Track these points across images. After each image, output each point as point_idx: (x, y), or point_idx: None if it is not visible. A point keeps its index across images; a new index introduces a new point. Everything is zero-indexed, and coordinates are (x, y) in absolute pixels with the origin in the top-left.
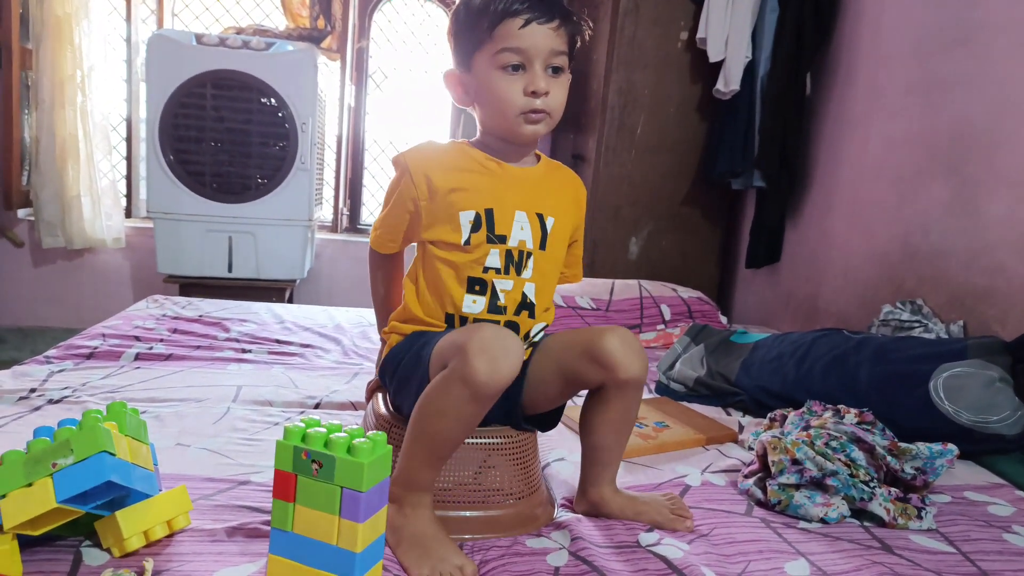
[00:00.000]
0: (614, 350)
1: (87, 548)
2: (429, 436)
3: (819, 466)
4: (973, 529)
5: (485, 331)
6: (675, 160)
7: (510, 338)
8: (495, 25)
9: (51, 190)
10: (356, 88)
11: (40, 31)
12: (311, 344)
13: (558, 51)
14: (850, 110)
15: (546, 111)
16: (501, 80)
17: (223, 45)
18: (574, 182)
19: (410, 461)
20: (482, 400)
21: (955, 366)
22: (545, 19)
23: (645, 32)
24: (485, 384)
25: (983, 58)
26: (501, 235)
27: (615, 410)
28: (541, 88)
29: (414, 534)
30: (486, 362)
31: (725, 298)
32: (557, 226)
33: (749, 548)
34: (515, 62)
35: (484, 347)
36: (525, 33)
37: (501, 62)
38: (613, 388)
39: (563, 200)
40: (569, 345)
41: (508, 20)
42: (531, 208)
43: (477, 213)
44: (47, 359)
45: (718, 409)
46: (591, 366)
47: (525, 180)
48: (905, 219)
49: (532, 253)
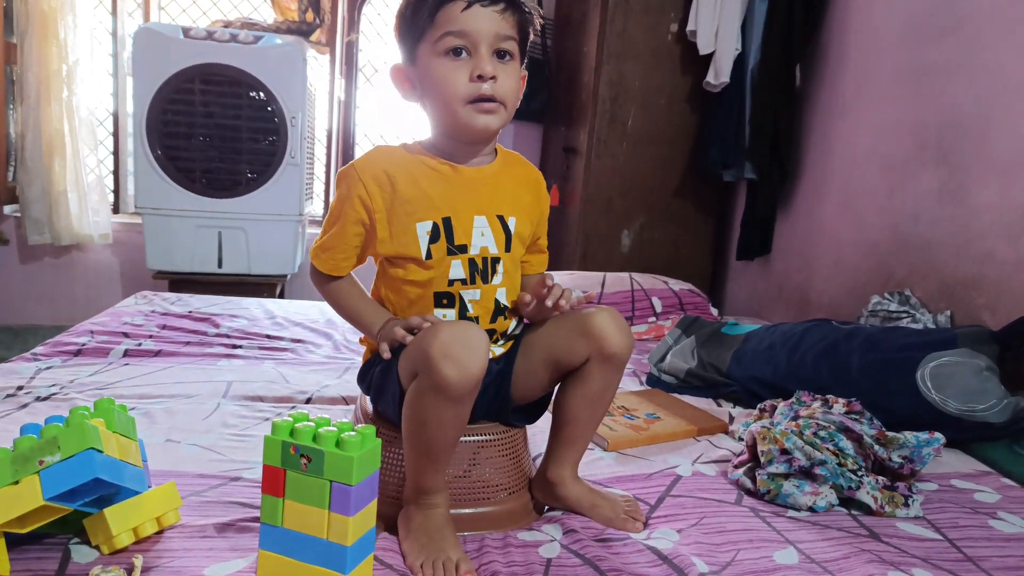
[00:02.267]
0: (603, 323)
1: (76, 545)
2: (423, 445)
3: (808, 455)
4: (960, 516)
5: (444, 332)
6: (666, 152)
7: (472, 333)
8: (436, 10)
9: (37, 186)
10: (346, 82)
11: (25, 25)
12: (302, 339)
13: (505, 35)
14: (840, 100)
15: (495, 98)
16: (445, 67)
17: (211, 39)
18: (533, 175)
19: (414, 469)
20: (459, 401)
21: (943, 355)
22: (488, 2)
23: (635, 24)
24: (456, 386)
25: (971, 46)
26: (461, 245)
27: (594, 385)
28: (487, 71)
29: (422, 526)
30: (452, 365)
31: (717, 290)
32: (519, 225)
33: (739, 537)
34: (457, 45)
35: (447, 351)
36: (467, 16)
37: (443, 47)
38: (597, 362)
39: (523, 196)
40: (558, 325)
41: (450, 4)
42: (490, 211)
43: (434, 223)
44: (34, 356)
45: (709, 400)
46: (580, 340)
47: (481, 181)
48: (895, 208)
49: (499, 258)
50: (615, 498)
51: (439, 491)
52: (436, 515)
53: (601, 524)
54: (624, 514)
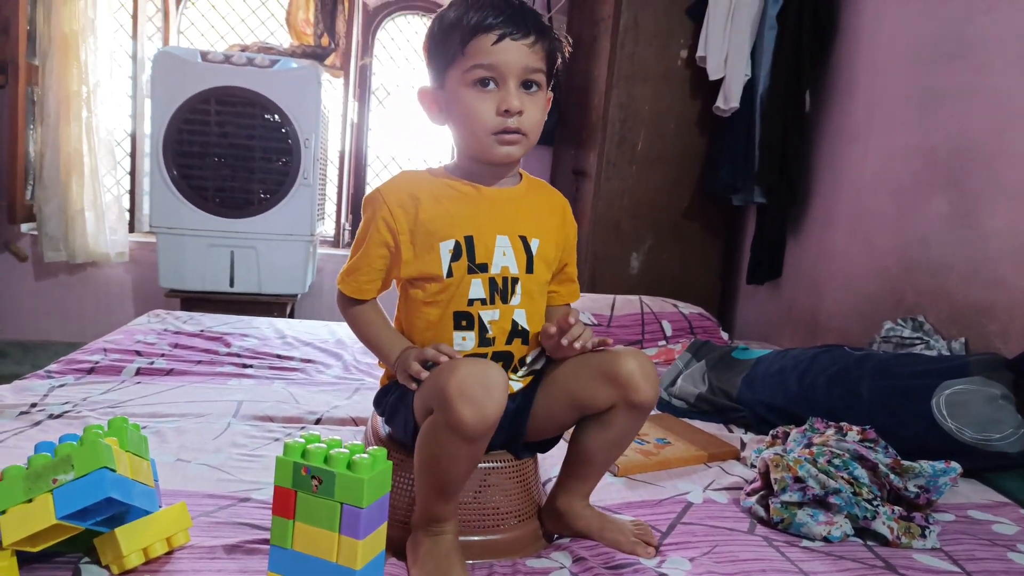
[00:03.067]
0: (632, 371)
1: (86, 565)
2: (434, 478)
3: (822, 484)
4: (977, 548)
5: (462, 371)
6: (676, 175)
7: (491, 373)
8: (467, 41)
9: (55, 204)
10: (359, 104)
11: (47, 47)
12: (312, 359)
13: (533, 68)
14: (849, 124)
15: (520, 131)
16: (472, 97)
17: (228, 62)
18: (558, 200)
19: (424, 499)
20: (475, 441)
21: (957, 383)
22: (520, 35)
23: (645, 47)
24: (473, 428)
25: (980, 71)
26: (483, 263)
27: (615, 431)
28: (514, 107)
29: (430, 552)
30: (469, 407)
31: (726, 313)
32: (542, 247)
33: (752, 567)
34: (486, 76)
35: (464, 391)
36: (498, 49)
37: (472, 78)
38: (623, 409)
39: (547, 220)
40: (581, 366)
41: (481, 36)
42: (513, 231)
43: (457, 241)
44: (48, 373)
45: (720, 426)
46: (605, 386)
47: (504, 202)
48: (905, 232)
49: (519, 279)
50: (625, 523)
51: (449, 519)
52: (445, 541)
53: (611, 548)
54: (635, 538)
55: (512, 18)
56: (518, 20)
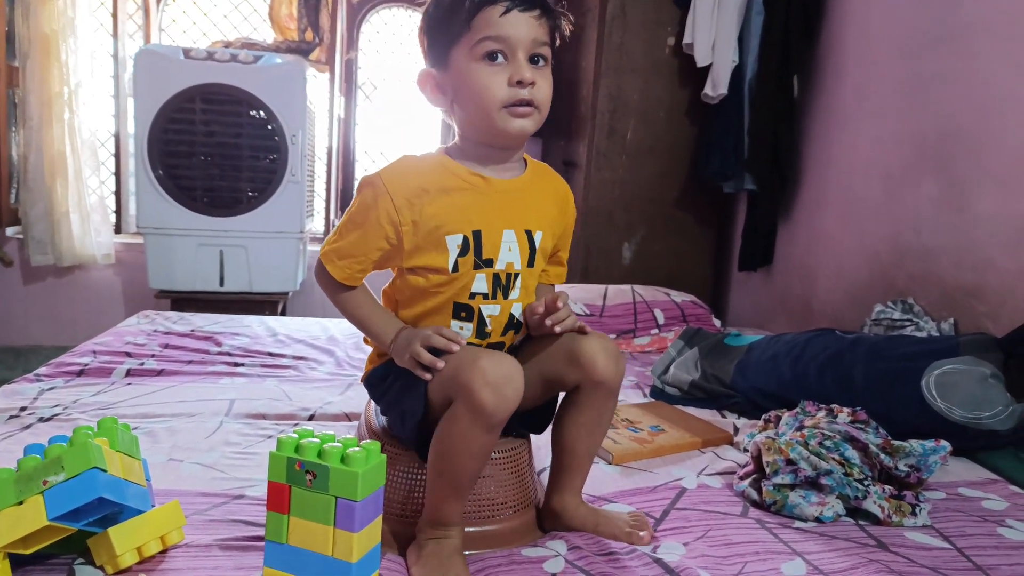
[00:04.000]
0: (592, 350)
1: (80, 566)
2: (451, 474)
3: (813, 466)
4: (968, 525)
5: (483, 361)
6: (666, 164)
7: (509, 364)
8: (474, 14)
9: (40, 207)
10: (346, 99)
11: (26, 48)
12: (304, 356)
13: (541, 41)
14: (838, 110)
15: (533, 103)
16: (482, 72)
17: (211, 59)
18: (562, 188)
19: (435, 499)
20: (493, 429)
21: (947, 363)
22: (526, 6)
23: (632, 37)
24: (494, 414)
25: (968, 56)
26: (488, 259)
27: (587, 413)
28: (527, 77)
29: (433, 553)
30: (492, 393)
31: (719, 301)
32: (544, 239)
33: (745, 549)
34: (495, 49)
35: (487, 379)
36: (506, 21)
37: (481, 52)
38: (587, 389)
39: (550, 209)
40: (549, 349)
41: (487, 8)
42: (520, 225)
43: (465, 236)
44: (37, 377)
45: (713, 412)
46: (569, 367)
47: (512, 194)
48: (895, 218)
49: (520, 273)
50: (620, 515)
51: (455, 524)
52: (449, 544)
53: (608, 539)
54: (629, 527)
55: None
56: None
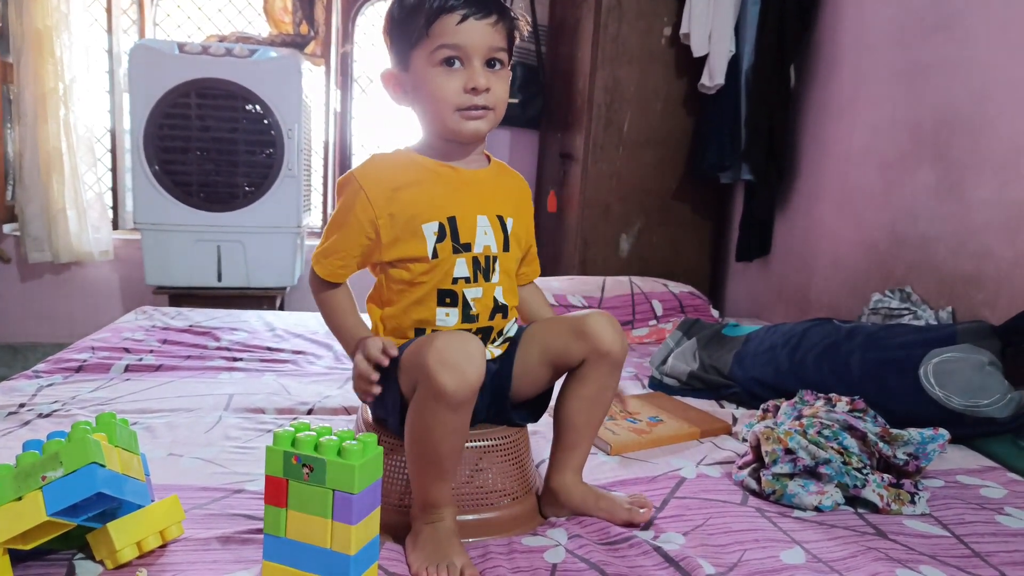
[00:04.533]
0: (597, 323)
1: (80, 561)
2: (427, 456)
3: (812, 455)
4: (966, 512)
5: (440, 341)
6: (663, 155)
7: (468, 340)
8: (431, 22)
9: (36, 204)
10: (341, 93)
11: (20, 44)
12: (303, 350)
13: (497, 47)
14: (835, 99)
15: (487, 106)
16: (439, 77)
17: (206, 53)
18: (522, 183)
19: (419, 482)
20: (459, 408)
21: (945, 351)
22: (482, 15)
23: (629, 28)
24: (455, 394)
25: (964, 43)
26: (466, 243)
27: (591, 386)
28: (481, 84)
29: (429, 537)
30: (449, 373)
31: (717, 292)
32: (516, 226)
33: (745, 538)
34: (451, 56)
35: (444, 359)
36: (462, 29)
37: (438, 58)
38: (593, 362)
39: (518, 201)
40: (554, 327)
41: (444, 16)
42: (491, 211)
43: (440, 223)
44: (36, 373)
45: (712, 402)
46: (575, 341)
47: (481, 183)
48: (893, 206)
49: (497, 257)
50: (620, 496)
51: (446, 505)
52: (444, 528)
53: (607, 519)
54: (629, 505)
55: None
56: (481, 1)
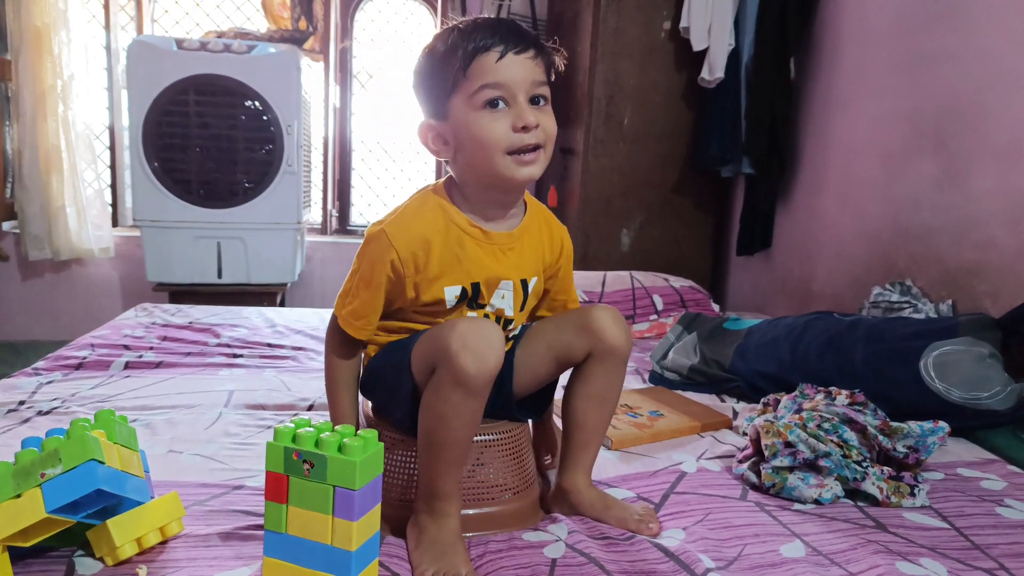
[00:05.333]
0: (601, 318)
1: (80, 558)
2: (439, 444)
3: (812, 448)
4: (966, 504)
5: (462, 325)
6: (664, 149)
7: (488, 326)
8: (469, 63)
9: (36, 202)
10: (341, 88)
11: (18, 42)
12: (303, 347)
13: (540, 81)
14: (836, 91)
15: (538, 144)
16: (484, 119)
17: (204, 49)
18: (557, 231)
19: (428, 472)
20: (477, 394)
21: (945, 344)
22: (520, 49)
23: (628, 22)
24: (475, 377)
25: (965, 32)
26: (481, 304)
27: (597, 382)
28: (531, 122)
29: (434, 538)
30: (471, 356)
31: (718, 286)
32: (538, 283)
33: (745, 532)
34: (495, 96)
35: (466, 342)
36: (502, 66)
37: (481, 100)
38: (598, 358)
39: (546, 255)
40: (559, 323)
41: (482, 56)
42: (516, 276)
43: (463, 288)
44: (35, 371)
45: (712, 396)
46: (579, 336)
47: (510, 246)
48: (895, 197)
49: (512, 319)
50: (630, 505)
51: (452, 497)
52: (449, 527)
53: (615, 526)
54: (639, 517)
55: (509, 34)
56: (516, 36)
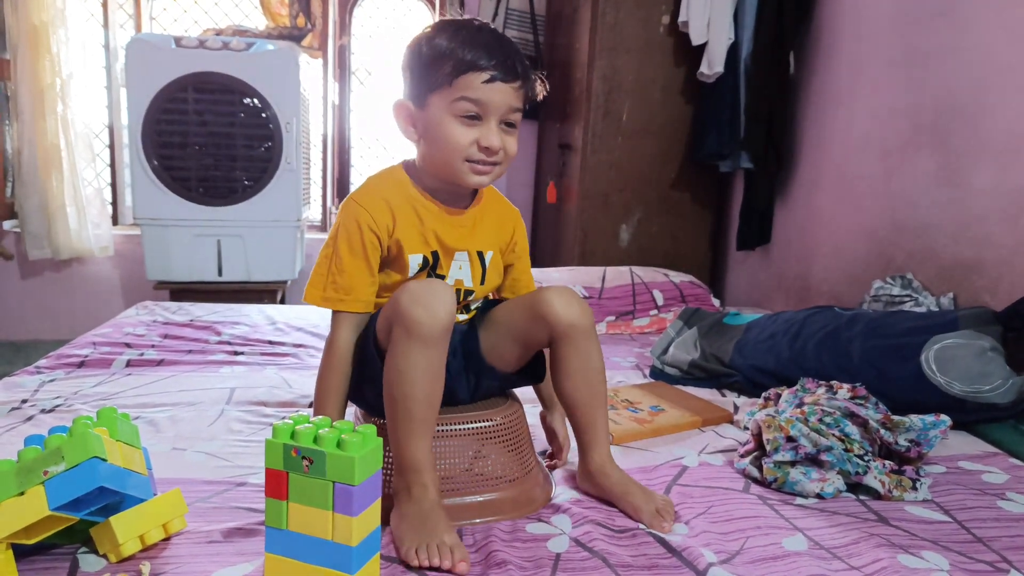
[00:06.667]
0: (550, 300)
1: (83, 555)
2: (402, 401)
3: (813, 442)
4: (968, 498)
5: (412, 284)
6: (662, 145)
7: (437, 284)
8: (458, 74)
9: (36, 201)
10: (339, 85)
11: (16, 41)
12: (304, 344)
13: (516, 108)
14: (834, 86)
15: (496, 162)
16: (454, 127)
17: (203, 47)
18: (512, 214)
19: (399, 442)
20: (432, 344)
21: (946, 338)
22: (509, 78)
23: (627, 16)
24: (427, 326)
25: (964, 28)
26: (441, 275)
27: (571, 362)
28: (495, 145)
29: (415, 514)
30: (421, 308)
31: (717, 281)
32: (495, 258)
33: (747, 525)
34: (472, 113)
35: (415, 298)
36: (487, 88)
37: (458, 110)
38: (561, 338)
39: (501, 233)
40: (512, 306)
41: (472, 73)
42: (472, 247)
43: (424, 256)
44: (38, 369)
45: (713, 391)
46: (534, 323)
47: (466, 221)
48: (893, 193)
49: (472, 291)
50: (651, 492)
51: (425, 468)
52: (426, 498)
53: (629, 514)
54: (656, 510)
55: (505, 62)
56: (510, 65)
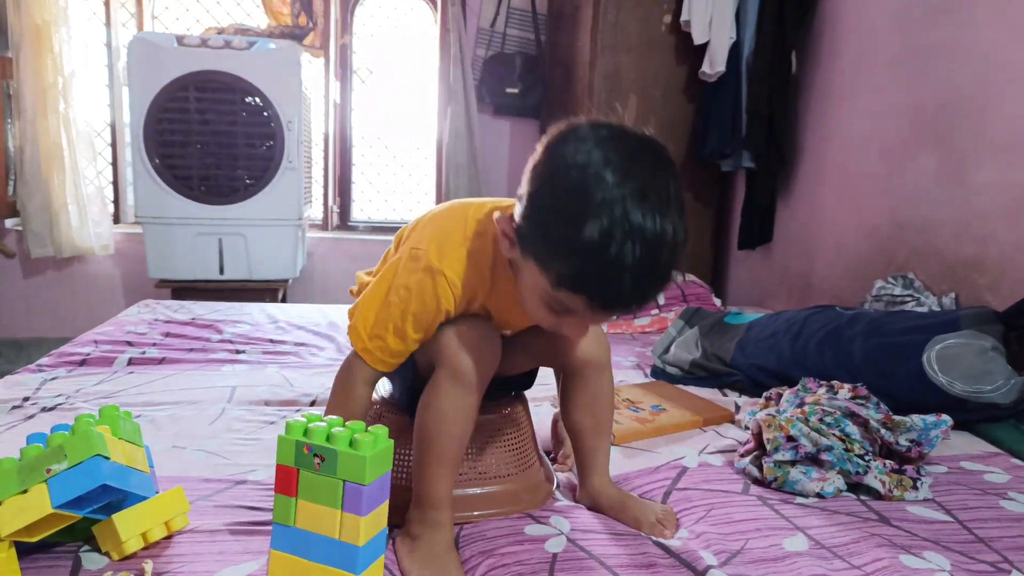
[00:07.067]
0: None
1: (86, 553)
2: (435, 441)
3: (814, 442)
4: (970, 498)
5: (462, 328)
6: (664, 143)
7: (486, 328)
8: (573, 290)
9: (38, 200)
10: (341, 84)
11: (19, 39)
12: (305, 342)
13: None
14: (836, 85)
15: None
16: (540, 307)
17: (204, 46)
18: None
19: (423, 477)
20: (475, 389)
21: (948, 337)
22: (609, 313)
23: (628, 15)
24: (471, 374)
25: (966, 26)
26: None
27: (582, 394)
28: (577, 336)
29: (427, 547)
30: (470, 357)
31: (719, 280)
32: None
33: (747, 526)
34: (564, 312)
35: (465, 342)
36: (587, 310)
37: (551, 300)
38: (574, 373)
39: None
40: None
41: (584, 298)
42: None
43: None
44: (39, 367)
45: (714, 391)
46: (551, 345)
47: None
48: (895, 191)
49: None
50: (649, 503)
51: (445, 506)
52: (442, 536)
53: (630, 526)
54: (656, 519)
55: (622, 307)
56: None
